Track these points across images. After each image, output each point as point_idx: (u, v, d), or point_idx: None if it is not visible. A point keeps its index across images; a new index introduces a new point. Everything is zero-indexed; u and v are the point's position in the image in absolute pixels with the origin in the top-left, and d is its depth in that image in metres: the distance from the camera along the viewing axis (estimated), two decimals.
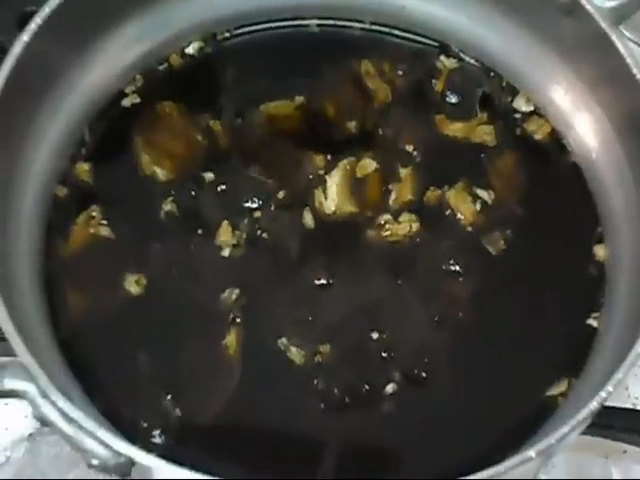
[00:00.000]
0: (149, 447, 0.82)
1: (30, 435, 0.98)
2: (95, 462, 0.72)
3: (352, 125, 1.01)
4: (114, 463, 0.72)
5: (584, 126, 1.01)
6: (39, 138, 0.94)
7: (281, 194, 0.96)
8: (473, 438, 0.86)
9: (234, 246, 0.93)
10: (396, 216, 0.96)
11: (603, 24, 0.91)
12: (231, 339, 0.88)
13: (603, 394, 0.75)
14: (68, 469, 0.96)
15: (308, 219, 0.95)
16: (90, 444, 0.72)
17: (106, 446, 0.72)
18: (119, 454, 0.72)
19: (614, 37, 0.91)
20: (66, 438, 0.73)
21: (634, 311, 0.88)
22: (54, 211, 0.94)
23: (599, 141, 1.00)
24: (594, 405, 0.75)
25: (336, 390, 0.87)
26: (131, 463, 0.72)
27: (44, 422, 0.74)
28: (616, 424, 0.93)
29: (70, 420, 0.72)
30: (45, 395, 0.73)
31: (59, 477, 0.96)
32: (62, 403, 0.72)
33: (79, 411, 0.72)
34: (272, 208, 0.95)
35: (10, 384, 0.74)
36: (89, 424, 0.72)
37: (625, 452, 1.00)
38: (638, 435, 0.94)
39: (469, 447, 0.86)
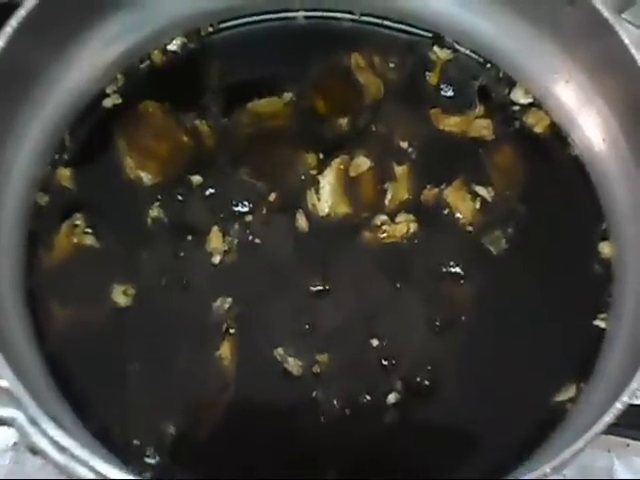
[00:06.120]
0: (143, 468, 0.81)
1: (15, 444, 0.96)
2: None
3: (344, 122, 0.98)
4: None
5: (586, 118, 0.98)
6: (17, 144, 0.91)
7: (272, 196, 0.93)
8: (480, 448, 0.84)
9: (225, 253, 0.90)
10: (393, 217, 0.93)
11: (605, 12, 0.88)
12: (225, 350, 0.86)
13: (619, 405, 0.74)
14: (56, 476, 0.93)
15: (301, 222, 0.92)
16: (83, 472, 0.70)
17: (99, 475, 0.70)
18: None
19: (617, 25, 0.88)
20: (58, 467, 0.71)
21: None
22: (35, 220, 0.91)
23: (602, 133, 0.97)
24: (610, 417, 0.73)
25: (336, 401, 0.85)
26: None
27: (34, 450, 0.72)
28: (619, 420, 0.91)
29: (61, 448, 0.70)
30: (34, 422, 0.71)
31: None
32: (53, 431, 0.70)
33: (70, 439, 0.70)
34: (263, 212, 0.92)
35: None
36: (81, 452, 0.70)
37: (628, 446, 0.99)
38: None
39: (477, 458, 0.84)
